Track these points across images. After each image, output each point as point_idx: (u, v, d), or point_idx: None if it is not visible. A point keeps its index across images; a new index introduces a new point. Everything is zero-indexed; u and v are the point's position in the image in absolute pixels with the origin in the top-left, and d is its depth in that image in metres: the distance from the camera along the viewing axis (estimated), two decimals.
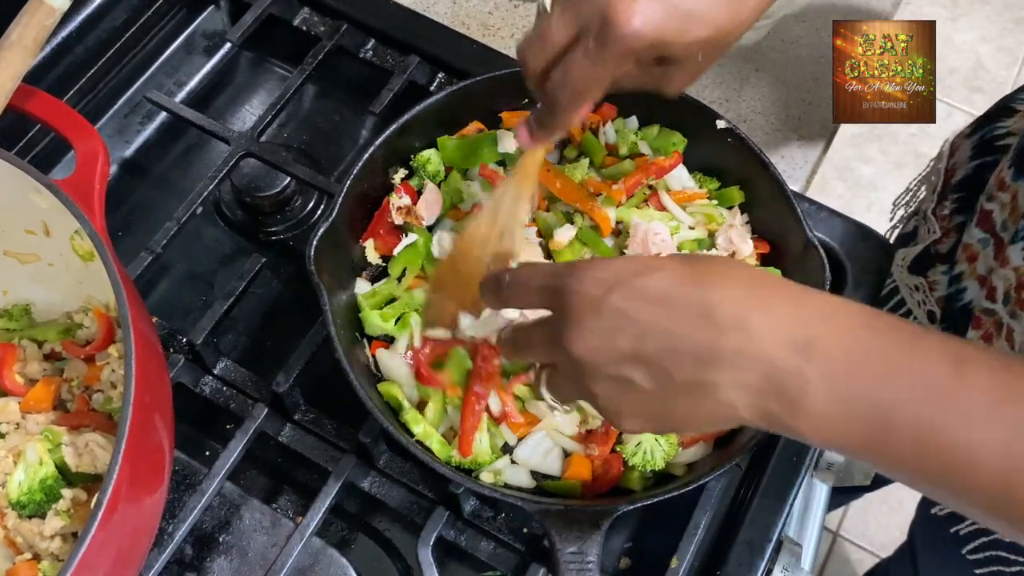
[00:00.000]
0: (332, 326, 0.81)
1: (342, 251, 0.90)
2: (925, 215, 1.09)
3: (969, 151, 1.03)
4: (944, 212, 1.03)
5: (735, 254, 0.90)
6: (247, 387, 0.91)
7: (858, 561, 2.16)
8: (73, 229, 0.76)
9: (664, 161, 0.93)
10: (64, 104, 0.78)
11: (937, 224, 1.04)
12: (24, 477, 0.73)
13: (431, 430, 0.81)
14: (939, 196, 1.06)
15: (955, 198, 1.02)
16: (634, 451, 0.80)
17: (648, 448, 0.80)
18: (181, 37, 1.17)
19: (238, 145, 1.00)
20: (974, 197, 0.96)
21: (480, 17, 1.17)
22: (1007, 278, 0.86)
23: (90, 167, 0.75)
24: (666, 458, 0.81)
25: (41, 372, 0.83)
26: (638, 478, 0.82)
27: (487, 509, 0.87)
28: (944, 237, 1.01)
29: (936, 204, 1.06)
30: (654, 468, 0.81)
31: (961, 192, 1.02)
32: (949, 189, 1.04)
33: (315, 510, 0.83)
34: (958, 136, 1.09)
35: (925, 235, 1.06)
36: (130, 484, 0.64)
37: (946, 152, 1.10)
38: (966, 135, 1.06)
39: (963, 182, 1.03)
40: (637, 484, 0.82)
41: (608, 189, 0.91)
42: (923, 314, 1.03)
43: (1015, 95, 1.00)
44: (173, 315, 0.99)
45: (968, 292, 0.97)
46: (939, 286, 1.02)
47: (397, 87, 1.05)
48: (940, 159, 1.10)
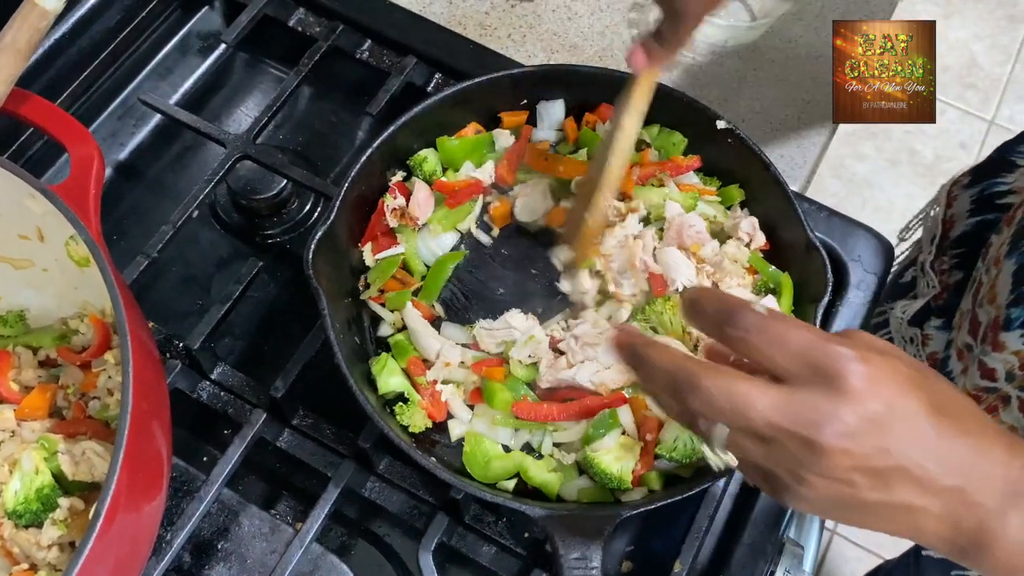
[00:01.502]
0: (331, 330, 0.80)
1: (340, 255, 0.89)
2: (923, 268, 1.08)
3: (968, 204, 1.02)
4: (943, 267, 1.02)
5: (751, 243, 0.90)
6: (245, 392, 0.90)
7: (855, 559, 2.16)
8: (68, 235, 0.75)
9: (682, 160, 0.93)
10: (58, 108, 0.77)
11: (936, 279, 1.03)
12: (20, 486, 0.72)
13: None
14: (937, 249, 1.06)
15: (954, 254, 1.01)
16: (673, 446, 0.79)
17: (685, 440, 0.79)
18: (175, 38, 1.16)
19: (234, 147, 0.99)
20: (973, 254, 0.96)
21: (477, 17, 1.17)
22: (1007, 361, 0.87)
23: (85, 172, 0.74)
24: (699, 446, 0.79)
25: (36, 379, 0.82)
26: (656, 478, 0.81)
27: (488, 514, 0.87)
28: (943, 292, 1.01)
29: (935, 257, 1.05)
30: (699, 456, 0.79)
31: (960, 248, 1.01)
32: (948, 244, 1.04)
33: (315, 516, 0.83)
34: (955, 184, 1.08)
35: (924, 289, 1.05)
36: (128, 492, 0.63)
37: (943, 201, 1.09)
38: (964, 185, 1.05)
39: (962, 238, 1.02)
40: (656, 483, 0.81)
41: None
42: None
43: (1014, 145, 1.00)
44: (169, 320, 0.98)
45: (951, 362, 0.99)
46: (932, 340, 1.02)
47: (394, 88, 1.04)
48: (937, 206, 1.10)
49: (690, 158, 0.93)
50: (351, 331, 0.87)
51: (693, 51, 1.16)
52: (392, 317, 0.90)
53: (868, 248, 0.99)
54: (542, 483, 0.80)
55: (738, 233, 0.90)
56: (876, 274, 0.98)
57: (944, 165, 2.66)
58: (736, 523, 0.87)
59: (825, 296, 0.83)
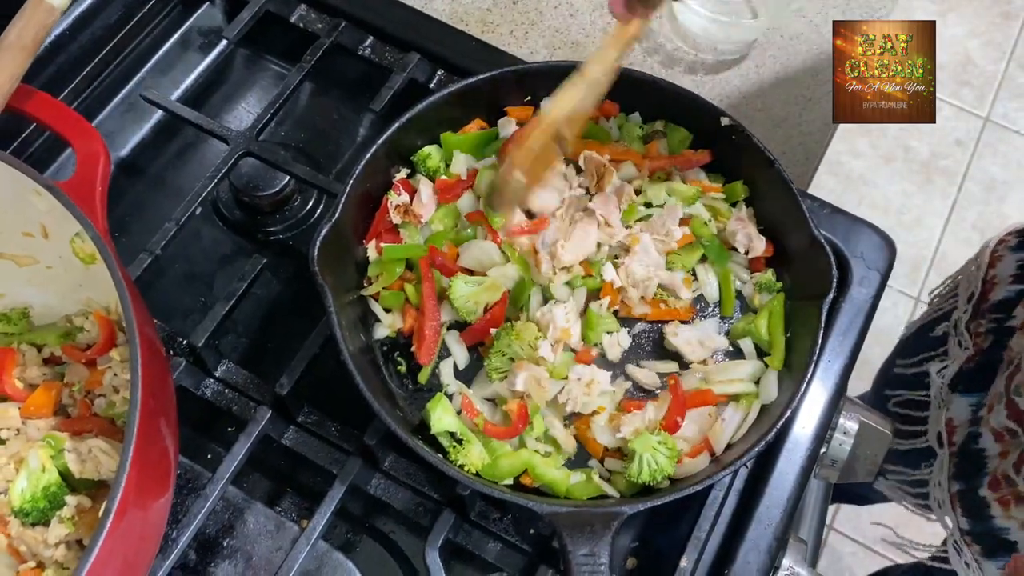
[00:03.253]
0: (337, 328, 0.80)
1: (345, 251, 0.89)
2: (957, 325, 1.06)
3: (1013, 269, 1.00)
4: (979, 329, 1.01)
5: (750, 251, 0.90)
6: (249, 389, 0.90)
7: (851, 554, 2.17)
8: (74, 232, 0.75)
9: (691, 154, 0.93)
10: (64, 105, 0.77)
11: (971, 340, 1.02)
12: (27, 484, 0.71)
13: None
14: (974, 309, 1.04)
15: (992, 318, 0.99)
16: (639, 469, 0.80)
17: (649, 459, 0.80)
18: (176, 34, 1.15)
19: (237, 144, 0.99)
20: (1011, 318, 0.94)
21: (479, 14, 1.16)
22: None
23: (91, 169, 0.73)
24: (672, 458, 0.80)
25: (41, 377, 0.81)
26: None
27: (493, 510, 0.87)
28: (976, 355, 1.00)
29: (971, 318, 1.03)
30: (667, 475, 0.80)
31: (999, 313, 0.99)
32: (987, 307, 1.02)
33: (321, 514, 0.82)
34: (1001, 244, 1.06)
35: (956, 349, 1.03)
36: (137, 490, 0.63)
37: (985, 261, 1.07)
38: (1012, 247, 1.02)
39: (1003, 304, 1.01)
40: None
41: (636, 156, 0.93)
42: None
43: None
44: (172, 317, 0.98)
45: (983, 439, 0.98)
46: (952, 405, 1.01)
47: (397, 85, 1.04)
48: (978, 266, 1.08)
49: (699, 152, 0.94)
50: (357, 328, 0.87)
51: (695, 48, 1.16)
52: (389, 319, 0.90)
53: (871, 244, 0.99)
54: (551, 481, 0.80)
55: (735, 241, 0.90)
56: (879, 270, 0.98)
57: (939, 162, 2.67)
58: (741, 519, 0.87)
59: (830, 293, 0.83)
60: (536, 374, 0.83)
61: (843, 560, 2.17)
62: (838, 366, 0.93)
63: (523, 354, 0.84)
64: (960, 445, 1.01)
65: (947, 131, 2.71)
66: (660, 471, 0.80)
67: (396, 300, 0.90)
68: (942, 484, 1.02)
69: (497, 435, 0.83)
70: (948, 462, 1.02)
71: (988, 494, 0.95)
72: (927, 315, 1.21)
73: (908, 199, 2.63)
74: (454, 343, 0.89)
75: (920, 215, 2.60)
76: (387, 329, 0.90)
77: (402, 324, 0.89)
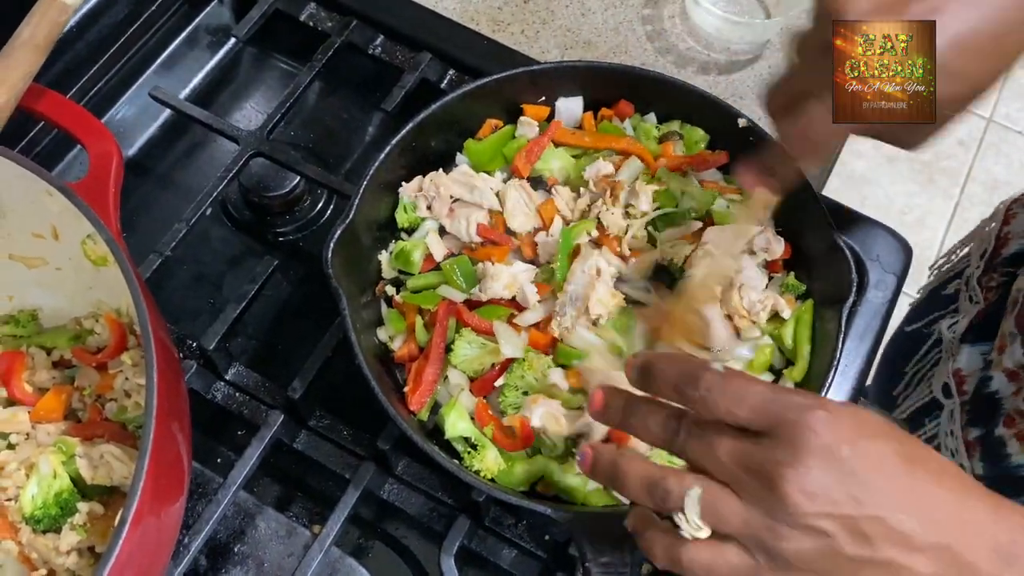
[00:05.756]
0: (351, 331, 0.79)
1: (359, 253, 0.88)
2: (969, 281, 1.06)
3: None
4: (991, 283, 1.00)
5: (769, 254, 0.89)
6: (259, 393, 0.89)
7: None
8: (85, 233, 0.74)
9: (709, 155, 0.92)
10: (77, 105, 0.76)
11: (982, 294, 1.02)
12: (38, 490, 0.70)
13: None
14: (986, 264, 1.04)
15: (1004, 271, 0.99)
16: None
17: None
18: (184, 32, 1.14)
19: (248, 144, 0.98)
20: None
21: (490, 12, 1.15)
22: None
23: (104, 170, 0.72)
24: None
25: (50, 380, 0.80)
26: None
27: (508, 516, 0.86)
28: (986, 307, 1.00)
29: (983, 272, 1.03)
30: None
31: (1012, 267, 0.99)
32: (999, 260, 1.02)
33: (335, 519, 0.81)
34: (1016, 203, 1.06)
35: (967, 304, 1.03)
36: (153, 497, 0.62)
37: (1000, 216, 1.07)
38: None
39: (1016, 257, 1.00)
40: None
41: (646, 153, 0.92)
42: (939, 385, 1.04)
43: None
44: (181, 319, 0.96)
45: (994, 382, 0.97)
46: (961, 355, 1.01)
47: (409, 85, 1.03)
48: (993, 222, 1.08)
49: (717, 153, 0.93)
50: (370, 330, 0.86)
51: (708, 48, 1.15)
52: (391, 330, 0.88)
53: (887, 247, 0.98)
54: (568, 488, 0.79)
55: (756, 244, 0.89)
56: (895, 274, 0.97)
57: (942, 162, 2.66)
58: None
59: (850, 298, 0.82)
60: (553, 410, 0.81)
61: None
62: (854, 371, 0.92)
63: (537, 386, 0.82)
64: (972, 392, 1.01)
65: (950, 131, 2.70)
66: None
67: (400, 326, 0.87)
68: (954, 432, 1.02)
69: (508, 446, 0.81)
70: (960, 410, 1.02)
71: (1004, 432, 0.94)
72: (939, 277, 1.21)
73: (911, 199, 2.62)
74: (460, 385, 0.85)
75: (923, 215, 2.59)
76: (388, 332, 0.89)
77: (400, 349, 0.87)
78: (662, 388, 0.57)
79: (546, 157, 0.93)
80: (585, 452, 0.61)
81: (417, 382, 0.83)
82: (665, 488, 0.55)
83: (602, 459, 0.60)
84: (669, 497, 0.55)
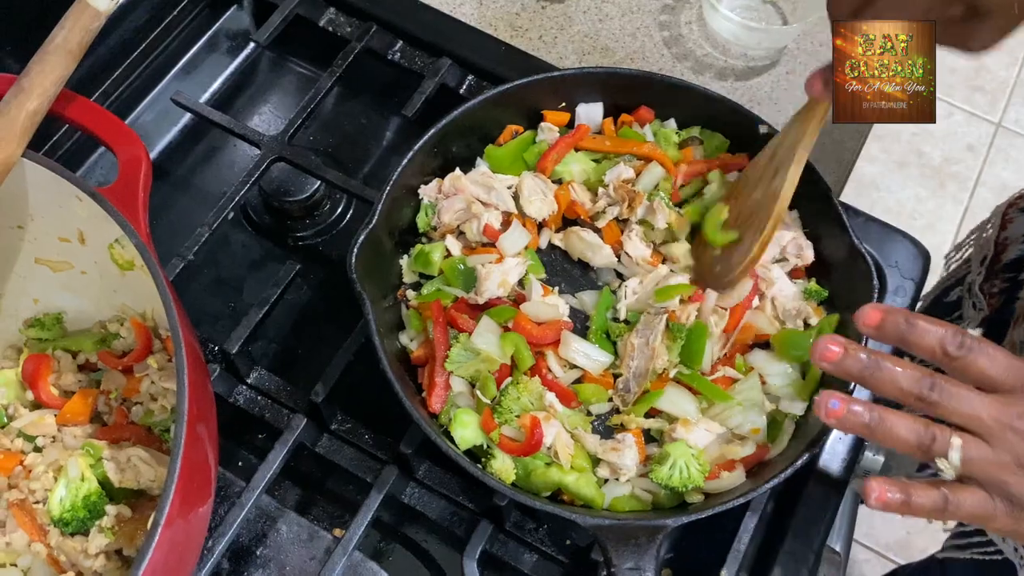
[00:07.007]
0: (376, 335, 0.79)
1: (381, 258, 0.88)
2: (971, 288, 1.06)
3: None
4: (993, 290, 1.01)
5: (801, 260, 0.89)
6: (282, 397, 0.89)
7: (864, 561, 2.16)
8: (113, 238, 0.74)
9: (729, 158, 0.92)
10: (105, 110, 0.76)
11: (985, 301, 1.02)
12: (66, 493, 0.71)
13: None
14: (987, 271, 1.04)
15: (1006, 277, 1.00)
16: (669, 473, 0.78)
17: (682, 466, 0.79)
18: (204, 37, 1.15)
19: (270, 149, 0.98)
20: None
21: (507, 18, 1.16)
22: None
23: (133, 174, 0.73)
24: (703, 472, 0.79)
25: (76, 383, 0.81)
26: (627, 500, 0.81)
27: (529, 521, 0.86)
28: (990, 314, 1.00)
29: (984, 279, 1.03)
30: (696, 485, 0.79)
31: (1013, 273, 1.00)
32: (1000, 267, 1.02)
33: (357, 523, 0.82)
34: (1012, 207, 1.07)
35: (971, 312, 1.04)
36: (183, 500, 0.63)
37: (998, 221, 1.07)
38: (1022, 208, 1.03)
39: (1016, 263, 1.01)
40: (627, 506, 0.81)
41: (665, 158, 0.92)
42: None
43: None
44: (202, 322, 0.97)
45: None
46: None
47: (429, 90, 1.03)
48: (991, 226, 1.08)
49: (738, 156, 0.93)
50: (393, 333, 0.86)
51: (725, 54, 1.15)
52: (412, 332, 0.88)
53: (905, 254, 0.99)
54: (588, 498, 0.79)
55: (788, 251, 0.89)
56: (914, 280, 0.97)
57: (952, 167, 2.66)
58: (777, 531, 0.87)
59: None
60: (564, 440, 0.80)
61: (857, 566, 2.16)
62: None
63: (532, 407, 0.82)
64: None
65: (959, 136, 2.71)
66: (690, 480, 0.78)
67: (419, 325, 0.87)
68: None
69: (513, 451, 0.80)
70: None
71: None
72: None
73: (920, 204, 2.62)
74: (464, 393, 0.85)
75: (932, 220, 2.59)
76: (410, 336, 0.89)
77: (417, 351, 0.86)
78: (923, 338, 0.64)
79: (566, 161, 0.94)
80: (837, 402, 0.66)
81: (431, 384, 0.83)
82: (934, 436, 0.63)
83: (869, 412, 0.65)
84: (935, 443, 0.63)
